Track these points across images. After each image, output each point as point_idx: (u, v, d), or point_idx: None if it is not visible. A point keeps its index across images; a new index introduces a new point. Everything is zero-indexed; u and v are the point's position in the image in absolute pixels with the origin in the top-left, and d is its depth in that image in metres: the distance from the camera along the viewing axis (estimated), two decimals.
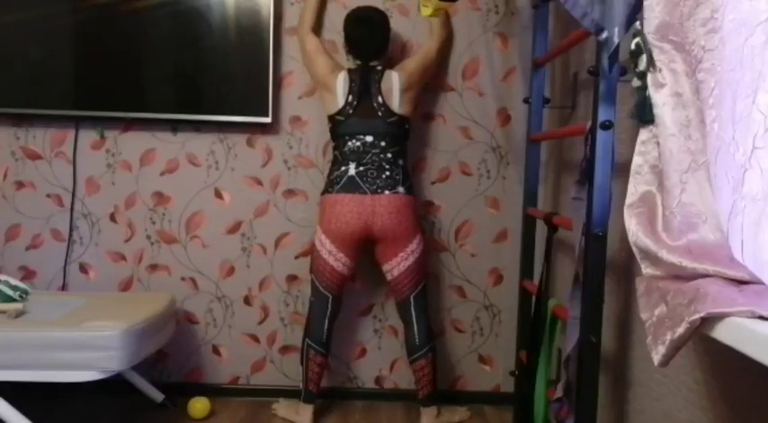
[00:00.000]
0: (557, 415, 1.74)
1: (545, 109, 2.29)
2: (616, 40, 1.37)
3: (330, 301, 2.40)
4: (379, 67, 2.38)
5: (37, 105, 2.56)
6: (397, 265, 2.37)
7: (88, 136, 2.64)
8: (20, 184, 2.66)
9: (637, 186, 1.28)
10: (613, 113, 1.55)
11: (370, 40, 2.37)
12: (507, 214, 2.65)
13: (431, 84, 2.57)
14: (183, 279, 2.68)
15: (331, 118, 2.40)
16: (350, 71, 2.38)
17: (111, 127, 2.64)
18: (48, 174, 2.65)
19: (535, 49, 2.26)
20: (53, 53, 2.53)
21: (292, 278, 2.67)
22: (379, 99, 2.34)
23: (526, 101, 2.29)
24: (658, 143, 1.22)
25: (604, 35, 1.38)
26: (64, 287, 2.67)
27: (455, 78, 2.62)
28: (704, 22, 1.16)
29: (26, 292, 2.30)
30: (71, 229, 2.66)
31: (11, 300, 2.23)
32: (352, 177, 2.32)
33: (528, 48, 2.48)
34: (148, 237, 2.67)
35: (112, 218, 2.66)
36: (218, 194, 2.66)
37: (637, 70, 1.27)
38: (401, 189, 2.34)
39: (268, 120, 2.55)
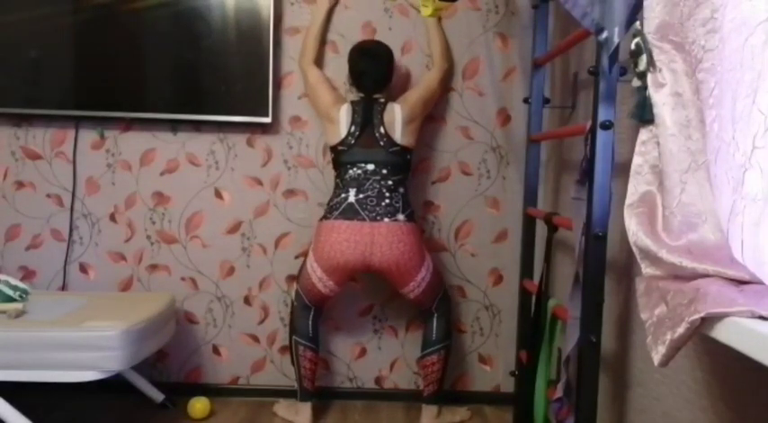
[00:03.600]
0: (557, 415, 1.74)
1: (545, 109, 2.29)
2: (616, 40, 1.37)
3: (312, 310, 2.45)
4: (382, 100, 2.39)
5: (37, 105, 2.56)
6: (412, 290, 2.37)
7: (88, 136, 2.64)
8: (20, 184, 2.66)
9: (637, 186, 1.28)
10: (613, 113, 1.55)
11: (374, 73, 2.37)
12: (507, 214, 2.65)
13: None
14: (183, 279, 2.68)
15: (333, 149, 2.40)
16: (353, 103, 2.39)
17: (111, 127, 2.64)
18: (48, 174, 2.65)
19: (535, 49, 2.26)
20: (53, 53, 2.53)
21: (292, 278, 2.67)
22: (382, 129, 2.34)
23: (526, 101, 2.29)
24: (658, 143, 1.22)
25: (604, 35, 1.38)
26: (64, 287, 2.66)
27: (455, 78, 2.62)
28: (704, 22, 1.16)
29: (26, 292, 2.30)
30: (71, 229, 2.66)
31: (11, 300, 2.23)
32: (351, 204, 2.30)
33: (528, 48, 2.48)
34: (148, 237, 2.67)
35: (112, 218, 2.66)
36: (218, 194, 2.66)
37: (637, 70, 1.27)
38: (401, 217, 2.31)
39: (268, 120, 2.55)
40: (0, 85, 2.54)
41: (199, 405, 2.47)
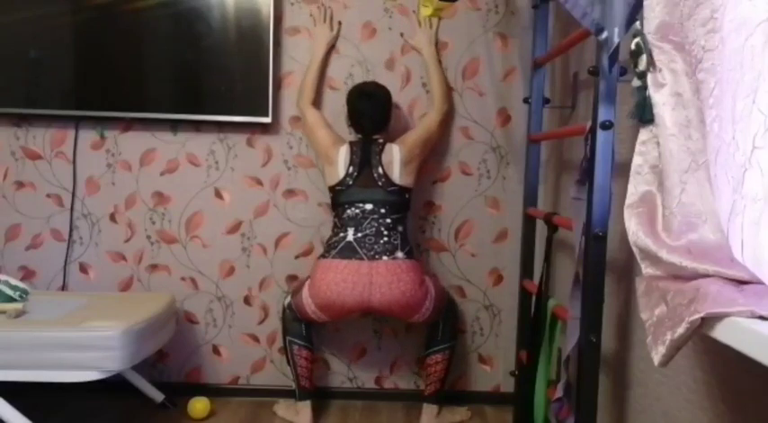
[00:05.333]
0: (557, 415, 1.74)
1: (545, 109, 2.29)
2: (616, 40, 1.37)
3: (304, 322, 2.44)
4: (381, 140, 2.39)
5: (37, 105, 2.56)
6: (416, 320, 2.38)
7: (88, 136, 2.64)
8: (20, 184, 2.66)
9: (637, 186, 1.28)
10: (613, 113, 1.55)
11: (373, 114, 2.39)
12: (507, 214, 2.65)
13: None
14: (183, 279, 2.68)
15: (331, 189, 2.41)
16: (351, 144, 2.40)
17: (111, 127, 2.64)
18: (48, 174, 2.65)
19: (535, 49, 2.25)
20: (53, 53, 2.53)
21: (292, 278, 2.67)
22: (380, 170, 2.35)
23: (526, 101, 2.29)
24: (658, 143, 1.22)
25: (604, 35, 1.38)
26: (64, 287, 2.66)
27: (455, 78, 2.62)
28: (704, 22, 1.16)
29: (26, 292, 2.30)
30: (71, 229, 2.66)
31: (11, 300, 2.23)
32: (349, 243, 2.29)
33: (528, 48, 2.47)
34: (148, 237, 2.67)
35: (112, 218, 2.66)
36: (218, 194, 2.66)
37: (637, 70, 1.27)
38: (400, 254, 2.30)
39: (268, 120, 2.55)
40: (0, 85, 2.54)
41: (199, 405, 2.47)
